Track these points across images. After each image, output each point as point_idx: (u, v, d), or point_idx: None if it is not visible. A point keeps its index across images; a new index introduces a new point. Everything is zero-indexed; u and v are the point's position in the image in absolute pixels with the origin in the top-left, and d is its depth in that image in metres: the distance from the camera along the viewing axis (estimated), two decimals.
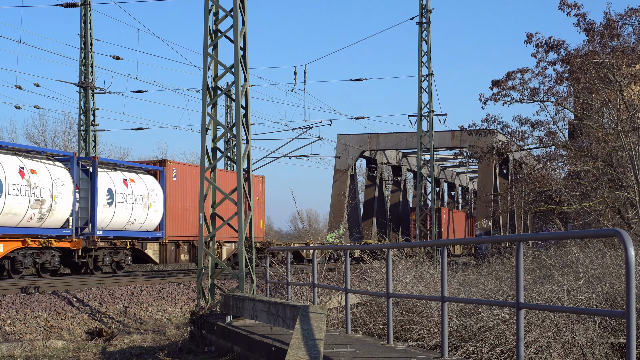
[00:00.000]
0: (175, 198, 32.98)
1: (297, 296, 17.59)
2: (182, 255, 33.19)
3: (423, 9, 43.47)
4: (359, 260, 31.73)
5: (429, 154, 45.76)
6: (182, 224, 33.25)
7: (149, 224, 31.35)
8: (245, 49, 16.62)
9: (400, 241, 52.25)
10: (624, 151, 22.48)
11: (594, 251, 15.50)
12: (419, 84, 44.00)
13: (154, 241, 31.64)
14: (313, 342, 9.01)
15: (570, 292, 12.42)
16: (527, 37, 25.39)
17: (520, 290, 7.53)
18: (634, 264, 6.19)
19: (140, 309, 20.49)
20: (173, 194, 32.84)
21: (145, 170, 32.22)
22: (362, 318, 14.86)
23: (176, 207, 33.04)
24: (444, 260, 8.99)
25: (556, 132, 26.31)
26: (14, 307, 17.42)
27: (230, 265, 34.33)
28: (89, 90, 38.25)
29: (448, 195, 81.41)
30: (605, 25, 23.63)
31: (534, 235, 10.49)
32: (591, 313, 10.57)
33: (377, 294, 14.02)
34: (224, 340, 13.91)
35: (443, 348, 9.02)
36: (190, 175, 34.03)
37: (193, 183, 33.85)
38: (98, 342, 16.33)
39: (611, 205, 23.59)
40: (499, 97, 26.32)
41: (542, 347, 11.05)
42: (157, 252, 31.60)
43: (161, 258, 31.89)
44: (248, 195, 16.50)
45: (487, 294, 13.76)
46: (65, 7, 36.28)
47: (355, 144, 58.48)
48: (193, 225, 33.38)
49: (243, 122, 16.49)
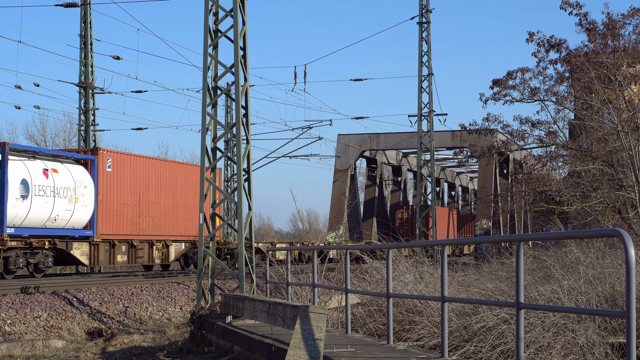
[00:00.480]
0: (110, 191, 29.13)
1: (297, 296, 17.59)
2: (119, 256, 29.39)
3: (423, 9, 43.48)
4: (359, 260, 31.70)
5: (429, 154, 45.75)
6: (119, 221, 29.52)
7: (76, 220, 27.46)
8: (245, 49, 16.61)
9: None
10: (624, 151, 22.47)
11: (594, 251, 15.50)
12: (419, 84, 44.01)
13: (82, 240, 27.80)
14: (313, 342, 9.00)
15: (571, 292, 12.41)
16: (529, 35, 25.44)
17: (520, 290, 7.53)
18: (634, 264, 6.19)
19: (140, 309, 20.48)
20: (107, 187, 28.99)
21: (74, 160, 28.30)
22: (362, 318, 14.86)
23: (111, 201, 29.15)
24: (444, 260, 8.98)
25: (556, 131, 26.35)
26: (14, 307, 17.42)
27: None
28: (89, 90, 38.25)
29: (448, 195, 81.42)
30: (607, 25, 23.66)
31: (534, 235, 10.48)
32: (591, 313, 10.56)
33: (377, 294, 14.02)
34: (224, 340, 13.91)
35: (443, 348, 9.01)
36: (129, 166, 30.30)
37: (133, 174, 30.47)
38: (98, 342, 16.33)
39: (611, 205, 23.59)
40: (500, 96, 26.37)
41: (542, 347, 11.05)
42: (86, 253, 27.88)
43: (92, 259, 28.17)
44: (248, 195, 16.49)
45: (487, 294, 13.76)
46: (65, 7, 36.29)
47: (355, 144, 58.46)
48: (132, 222, 30.23)
49: (243, 122, 16.49)
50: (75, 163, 28.22)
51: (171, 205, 32.62)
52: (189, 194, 33.65)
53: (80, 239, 27.80)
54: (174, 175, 32.97)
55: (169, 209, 32.46)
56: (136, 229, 30.38)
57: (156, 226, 31.59)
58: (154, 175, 31.80)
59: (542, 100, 26.21)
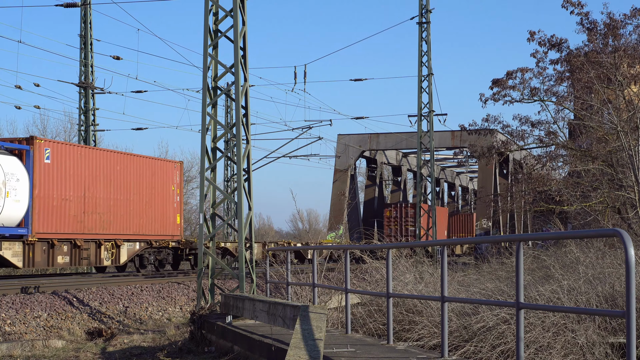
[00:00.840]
0: (49, 185, 26.26)
1: (297, 296, 17.59)
2: (60, 257, 26.53)
3: (423, 9, 43.49)
4: (359, 260, 31.68)
5: (429, 153, 45.76)
6: (59, 219, 26.74)
7: (6, 217, 24.53)
8: (245, 49, 16.62)
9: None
10: (624, 151, 22.47)
11: (594, 251, 15.51)
12: (419, 84, 44.01)
13: (14, 240, 24.83)
14: (313, 342, 9.00)
15: (570, 292, 12.42)
16: (530, 34, 25.43)
17: (520, 290, 7.53)
18: (634, 264, 6.19)
19: (140, 309, 20.49)
20: (46, 180, 26.11)
21: (5, 150, 25.23)
22: (362, 318, 14.86)
23: (50, 196, 26.30)
24: (444, 260, 8.98)
25: (556, 131, 26.35)
26: (14, 307, 17.42)
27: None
28: (89, 90, 38.26)
29: (448, 195, 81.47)
30: (608, 25, 23.66)
31: (534, 235, 10.48)
32: (591, 313, 10.57)
33: (377, 294, 14.02)
34: (224, 340, 13.91)
35: (443, 348, 9.01)
36: (72, 158, 27.46)
37: (77, 167, 27.65)
38: (98, 342, 16.33)
39: (611, 205, 23.59)
40: (499, 96, 26.37)
41: (542, 347, 11.05)
42: (19, 254, 24.85)
43: (26, 261, 25.27)
44: (248, 195, 16.49)
45: (487, 294, 13.76)
46: (65, 7, 36.30)
47: (355, 144, 58.48)
48: (76, 219, 27.38)
49: (243, 122, 16.49)
50: (8, 153, 25.17)
51: (123, 201, 30.06)
52: (145, 189, 31.34)
53: (12, 238, 24.77)
54: (127, 169, 30.33)
55: (121, 206, 29.91)
56: (80, 227, 27.59)
57: (105, 224, 28.90)
58: (104, 168, 29.02)
59: (543, 100, 26.22)
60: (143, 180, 31.29)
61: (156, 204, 31.97)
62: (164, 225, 32.45)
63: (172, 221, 33.08)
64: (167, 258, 32.57)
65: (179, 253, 33.11)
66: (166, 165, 33.21)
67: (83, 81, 38.09)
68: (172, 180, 33.07)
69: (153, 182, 31.76)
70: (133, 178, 30.70)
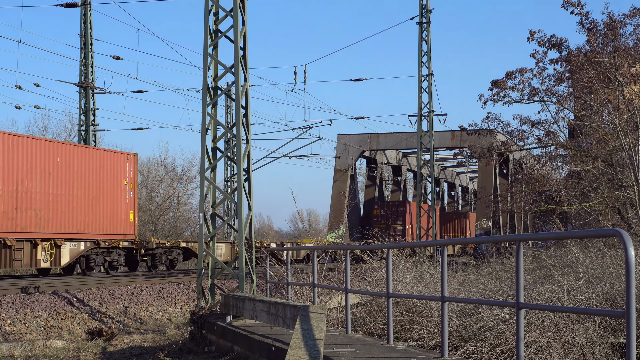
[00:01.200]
0: None
1: (297, 296, 17.59)
2: None
3: (423, 9, 43.50)
4: (359, 260, 31.68)
5: (429, 154, 45.74)
6: None
7: None
8: (245, 49, 16.62)
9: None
10: (624, 151, 22.48)
11: (594, 251, 15.52)
12: (419, 84, 44.01)
13: None
14: (313, 342, 9.01)
15: (570, 292, 12.42)
16: (530, 34, 25.45)
17: (520, 290, 7.54)
18: (634, 264, 6.19)
19: (140, 308, 20.49)
20: None
21: None
22: (362, 318, 14.86)
23: None
24: (444, 260, 8.99)
25: (556, 131, 26.37)
26: (14, 307, 17.43)
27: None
28: (89, 90, 38.26)
29: (448, 195, 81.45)
30: (608, 25, 23.68)
31: (534, 235, 10.47)
32: (591, 313, 10.57)
33: (377, 294, 14.03)
34: (224, 340, 13.91)
35: (443, 348, 9.02)
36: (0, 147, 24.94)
37: (7, 158, 25.02)
38: (98, 342, 16.34)
39: (611, 205, 23.60)
40: (499, 97, 26.38)
41: (542, 347, 11.06)
42: None
43: None
44: (248, 195, 16.49)
45: (487, 294, 13.77)
46: (65, 7, 36.30)
47: (355, 144, 58.46)
48: (6, 216, 24.91)
49: (243, 122, 16.49)
50: None
51: (65, 196, 27.28)
52: (92, 183, 28.67)
53: None
54: (69, 161, 27.50)
55: (62, 201, 27.14)
56: (11, 225, 24.91)
57: (42, 222, 26.20)
58: (41, 159, 26.30)
59: (542, 101, 26.23)
60: (89, 173, 28.59)
61: (105, 200, 29.31)
62: (114, 224, 29.78)
63: (124, 219, 30.37)
64: (119, 259, 29.96)
65: (134, 254, 30.66)
66: (117, 157, 30.32)
67: (83, 81, 38.09)
68: (124, 174, 30.44)
69: (101, 175, 29.13)
70: (77, 171, 27.97)
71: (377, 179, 62.39)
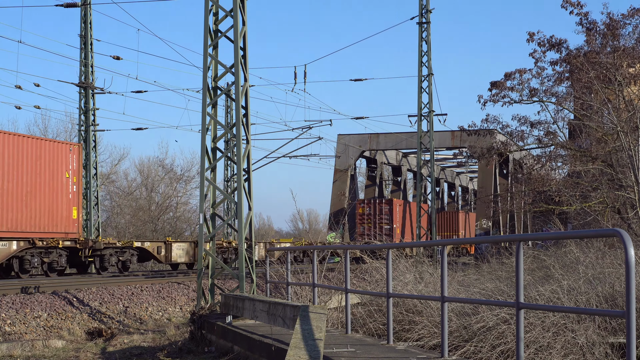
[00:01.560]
0: None
1: (297, 296, 17.58)
2: None
3: (423, 9, 43.50)
4: (359, 260, 31.67)
5: (429, 154, 45.76)
6: None
7: None
8: (245, 49, 16.62)
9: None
10: (624, 151, 22.48)
11: (594, 251, 15.52)
12: (419, 84, 44.02)
13: None
14: (313, 342, 9.00)
15: (570, 292, 12.42)
16: (529, 35, 25.47)
17: (520, 290, 7.53)
18: (634, 264, 6.19)
19: (140, 309, 20.49)
20: None
21: None
22: (362, 318, 14.86)
23: None
24: (444, 260, 8.99)
25: (556, 132, 26.38)
26: (14, 307, 17.42)
27: None
28: (89, 90, 38.24)
29: (448, 195, 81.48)
30: (608, 25, 23.70)
31: (534, 235, 10.47)
32: (591, 313, 10.56)
33: (377, 294, 14.02)
34: (224, 340, 13.91)
35: (443, 348, 9.02)
36: None
37: None
38: (98, 342, 16.33)
39: (611, 205, 23.60)
40: (498, 98, 26.40)
41: (542, 347, 11.06)
42: None
43: None
44: (248, 195, 16.48)
45: (487, 294, 13.76)
46: (65, 7, 36.27)
47: (355, 144, 58.49)
48: None
49: (243, 122, 16.49)
50: None
51: (12, 191, 25.05)
52: (26, 175, 25.66)
53: None
54: None
55: (11, 195, 25.00)
56: None
57: None
58: None
59: (542, 101, 26.25)
60: (23, 164, 25.54)
61: (42, 195, 26.26)
62: (54, 221, 26.78)
63: (66, 215, 27.26)
64: (59, 260, 26.97)
65: (79, 254, 27.99)
66: (57, 147, 27.17)
67: (83, 81, 38.08)
68: (67, 166, 27.34)
69: (38, 167, 26.04)
70: (8, 161, 24.99)
71: (377, 179, 62.42)
